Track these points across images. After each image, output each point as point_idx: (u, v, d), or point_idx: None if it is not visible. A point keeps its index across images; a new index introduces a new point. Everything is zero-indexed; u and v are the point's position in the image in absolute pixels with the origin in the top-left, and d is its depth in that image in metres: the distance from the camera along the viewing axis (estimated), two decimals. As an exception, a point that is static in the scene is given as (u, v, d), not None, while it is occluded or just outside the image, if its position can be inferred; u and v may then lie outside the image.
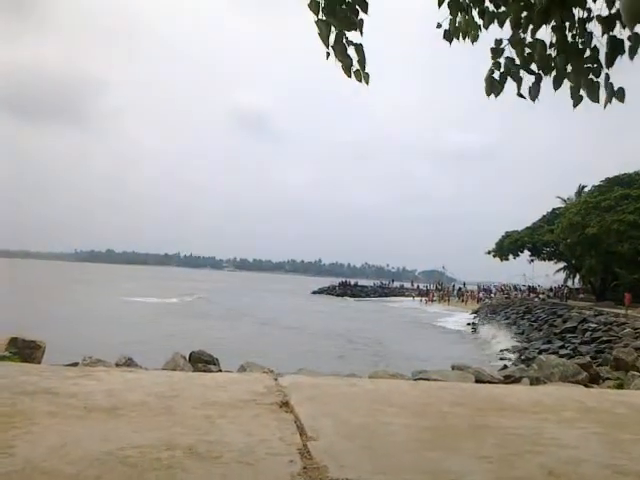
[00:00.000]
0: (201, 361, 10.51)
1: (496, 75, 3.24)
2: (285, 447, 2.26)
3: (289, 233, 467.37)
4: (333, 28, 2.98)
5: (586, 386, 8.98)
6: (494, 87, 3.24)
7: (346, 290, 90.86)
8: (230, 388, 3.40)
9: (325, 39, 2.98)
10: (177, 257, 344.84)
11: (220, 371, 9.20)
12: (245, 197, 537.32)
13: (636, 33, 2.68)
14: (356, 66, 3.11)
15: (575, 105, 3.10)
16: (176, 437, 2.34)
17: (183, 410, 2.81)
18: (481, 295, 73.14)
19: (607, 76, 2.98)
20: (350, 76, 3.13)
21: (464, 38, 3.32)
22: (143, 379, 3.59)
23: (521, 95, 3.26)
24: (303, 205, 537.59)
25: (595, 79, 3.02)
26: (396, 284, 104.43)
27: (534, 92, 3.23)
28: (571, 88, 3.09)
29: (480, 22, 3.27)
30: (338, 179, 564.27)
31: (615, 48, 2.83)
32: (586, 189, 54.14)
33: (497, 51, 3.25)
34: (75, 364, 8.54)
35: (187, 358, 10.35)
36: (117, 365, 9.13)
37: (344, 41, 3.03)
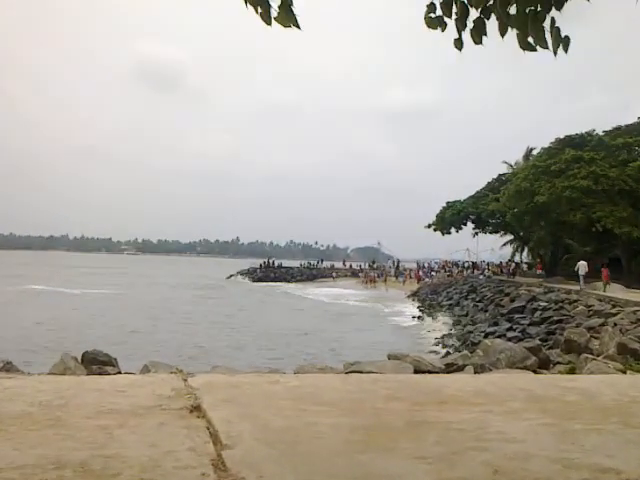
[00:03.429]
0: (96, 362, 10.27)
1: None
2: (196, 458, 2.26)
3: (201, 209, 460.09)
4: None
5: (535, 372, 9.40)
6: (432, 24, 3.30)
7: (268, 273, 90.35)
8: (131, 392, 3.35)
9: None
10: (65, 239, 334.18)
11: (119, 373, 9.03)
12: (151, 168, 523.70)
13: None
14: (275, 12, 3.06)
15: (524, 48, 3.14)
16: (66, 453, 2.29)
17: (74, 421, 2.75)
18: (421, 274, 74.65)
19: (553, 20, 3.05)
20: (269, 24, 3.09)
21: None
22: (25, 386, 3.49)
23: (459, 45, 3.32)
24: (218, 176, 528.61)
25: (540, 24, 3.08)
26: (326, 264, 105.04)
27: (477, 36, 3.28)
28: (517, 35, 3.14)
29: None
30: (261, 145, 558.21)
31: None
32: (534, 152, 55.92)
33: None
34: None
35: (79, 359, 10.09)
36: (-7, 371, 8.81)
37: None
